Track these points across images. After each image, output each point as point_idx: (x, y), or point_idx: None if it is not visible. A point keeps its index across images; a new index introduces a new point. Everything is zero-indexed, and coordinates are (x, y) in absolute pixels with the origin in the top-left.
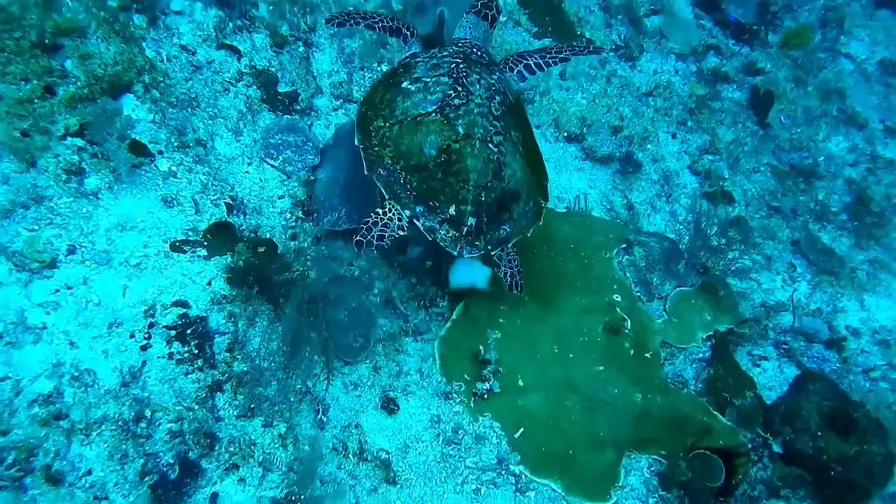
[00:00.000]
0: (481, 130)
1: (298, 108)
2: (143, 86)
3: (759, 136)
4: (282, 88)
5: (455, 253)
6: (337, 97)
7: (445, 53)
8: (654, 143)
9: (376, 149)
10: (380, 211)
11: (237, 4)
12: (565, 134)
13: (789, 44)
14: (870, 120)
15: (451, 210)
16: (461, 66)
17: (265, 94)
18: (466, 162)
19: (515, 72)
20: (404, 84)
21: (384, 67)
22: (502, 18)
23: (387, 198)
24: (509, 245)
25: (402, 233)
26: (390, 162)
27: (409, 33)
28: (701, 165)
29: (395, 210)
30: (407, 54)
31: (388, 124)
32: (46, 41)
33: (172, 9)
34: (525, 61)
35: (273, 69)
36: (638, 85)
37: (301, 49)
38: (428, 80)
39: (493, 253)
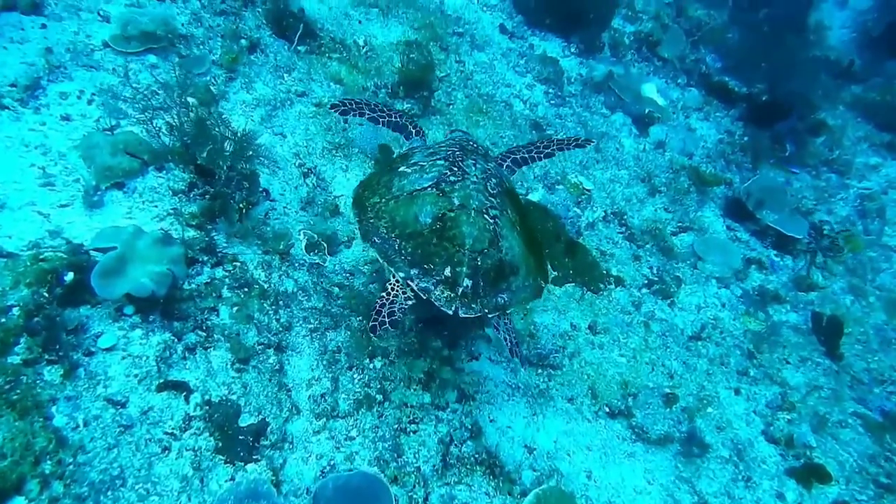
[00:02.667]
0: (476, 203)
1: (267, 443)
2: (41, 480)
3: (833, 374)
4: (245, 421)
5: (450, 312)
6: (318, 416)
7: (443, 144)
8: (715, 406)
9: (371, 220)
10: (384, 294)
11: (192, 315)
12: (606, 408)
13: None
14: None
15: (447, 272)
16: (457, 152)
17: (221, 440)
18: (462, 228)
19: (504, 167)
20: (401, 168)
21: (377, 363)
22: None
23: (380, 261)
24: (507, 313)
25: (410, 302)
26: (385, 231)
27: (414, 130)
28: (778, 429)
29: (398, 285)
30: (407, 148)
31: (383, 200)
32: None
33: (101, 346)
34: (512, 156)
35: (234, 396)
36: (682, 327)
37: (272, 359)
38: (424, 163)
39: (490, 316)
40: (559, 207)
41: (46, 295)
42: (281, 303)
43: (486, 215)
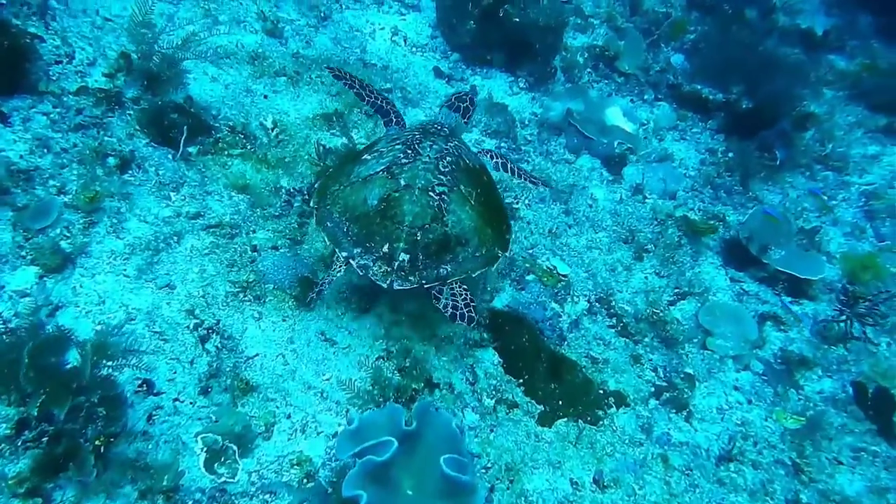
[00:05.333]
0: (423, 182)
1: None
2: None
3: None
4: None
5: (385, 286)
6: None
7: (408, 130)
8: None
9: (328, 206)
10: (329, 272)
11: None
12: None
13: (859, 278)
14: None
15: (385, 248)
16: (417, 136)
17: None
18: (403, 207)
19: (489, 156)
20: (364, 156)
21: None
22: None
23: (327, 243)
24: (449, 282)
25: (339, 274)
26: (338, 215)
27: (394, 118)
28: None
29: (338, 262)
30: (382, 135)
31: (341, 186)
32: None
33: None
34: (502, 160)
35: None
36: (706, 446)
37: None
38: (384, 149)
39: (426, 286)
40: (534, 308)
41: None
42: None
43: (430, 193)
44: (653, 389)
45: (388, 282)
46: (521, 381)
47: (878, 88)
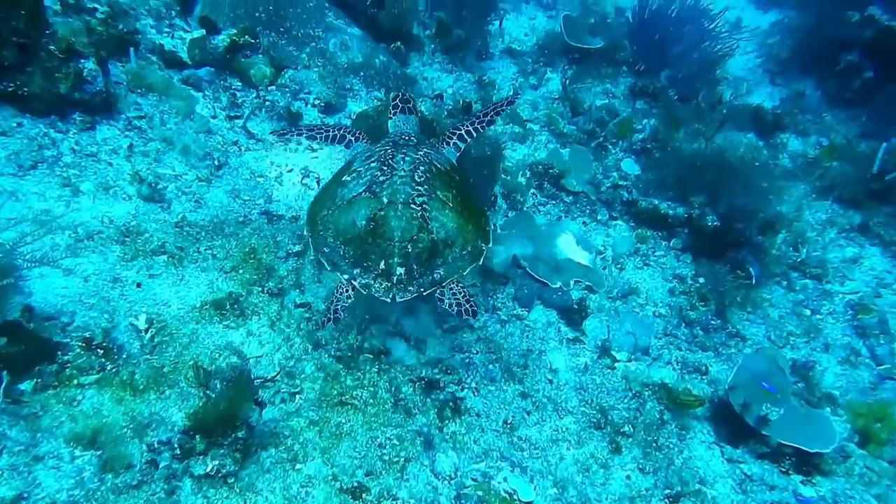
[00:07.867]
0: (403, 196)
1: None
2: None
3: None
4: None
5: (388, 300)
6: None
7: (378, 146)
8: None
9: (321, 233)
10: (335, 295)
11: None
12: None
13: (874, 436)
14: None
15: (382, 265)
16: (389, 151)
17: None
18: (391, 224)
19: (451, 144)
20: (344, 178)
21: None
22: None
23: (328, 269)
24: (445, 284)
25: (350, 300)
26: (332, 240)
27: (353, 138)
28: None
29: (341, 286)
30: (353, 154)
31: (329, 211)
32: None
33: None
34: (458, 132)
35: None
36: None
37: None
38: (361, 168)
39: (427, 293)
40: None
41: None
42: None
43: (412, 205)
44: None
45: (390, 296)
46: None
47: (843, 179)
